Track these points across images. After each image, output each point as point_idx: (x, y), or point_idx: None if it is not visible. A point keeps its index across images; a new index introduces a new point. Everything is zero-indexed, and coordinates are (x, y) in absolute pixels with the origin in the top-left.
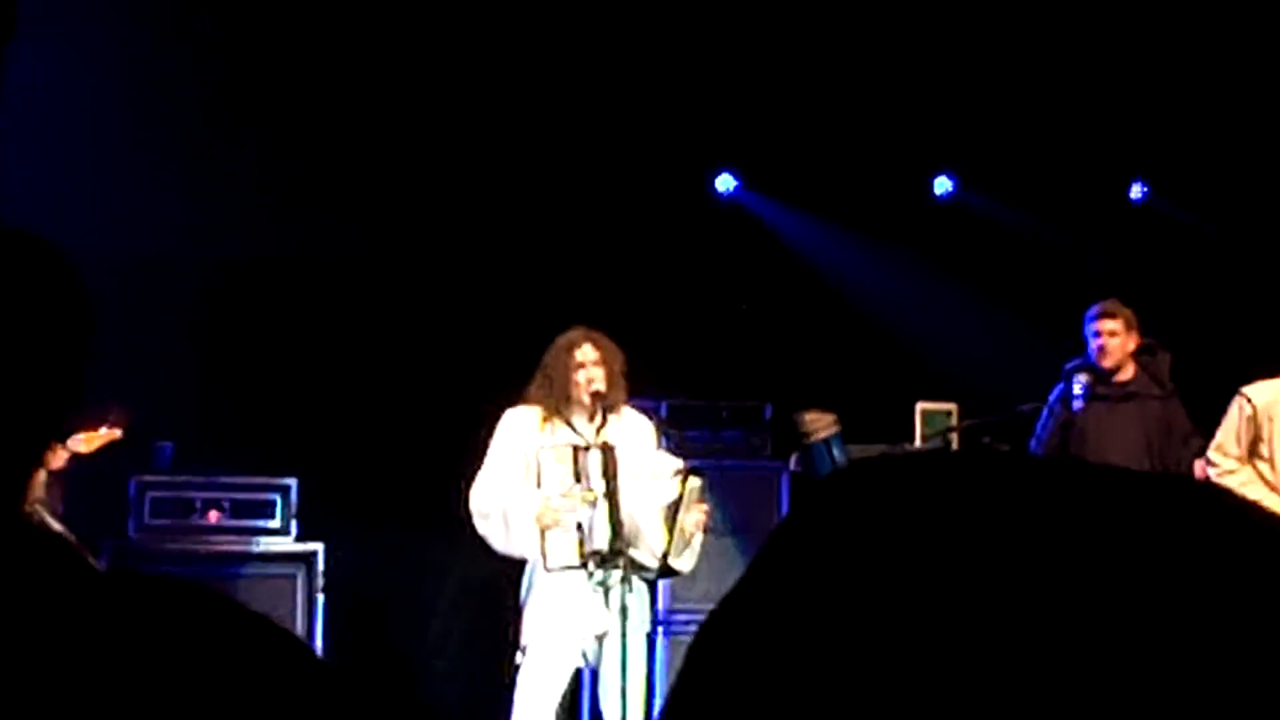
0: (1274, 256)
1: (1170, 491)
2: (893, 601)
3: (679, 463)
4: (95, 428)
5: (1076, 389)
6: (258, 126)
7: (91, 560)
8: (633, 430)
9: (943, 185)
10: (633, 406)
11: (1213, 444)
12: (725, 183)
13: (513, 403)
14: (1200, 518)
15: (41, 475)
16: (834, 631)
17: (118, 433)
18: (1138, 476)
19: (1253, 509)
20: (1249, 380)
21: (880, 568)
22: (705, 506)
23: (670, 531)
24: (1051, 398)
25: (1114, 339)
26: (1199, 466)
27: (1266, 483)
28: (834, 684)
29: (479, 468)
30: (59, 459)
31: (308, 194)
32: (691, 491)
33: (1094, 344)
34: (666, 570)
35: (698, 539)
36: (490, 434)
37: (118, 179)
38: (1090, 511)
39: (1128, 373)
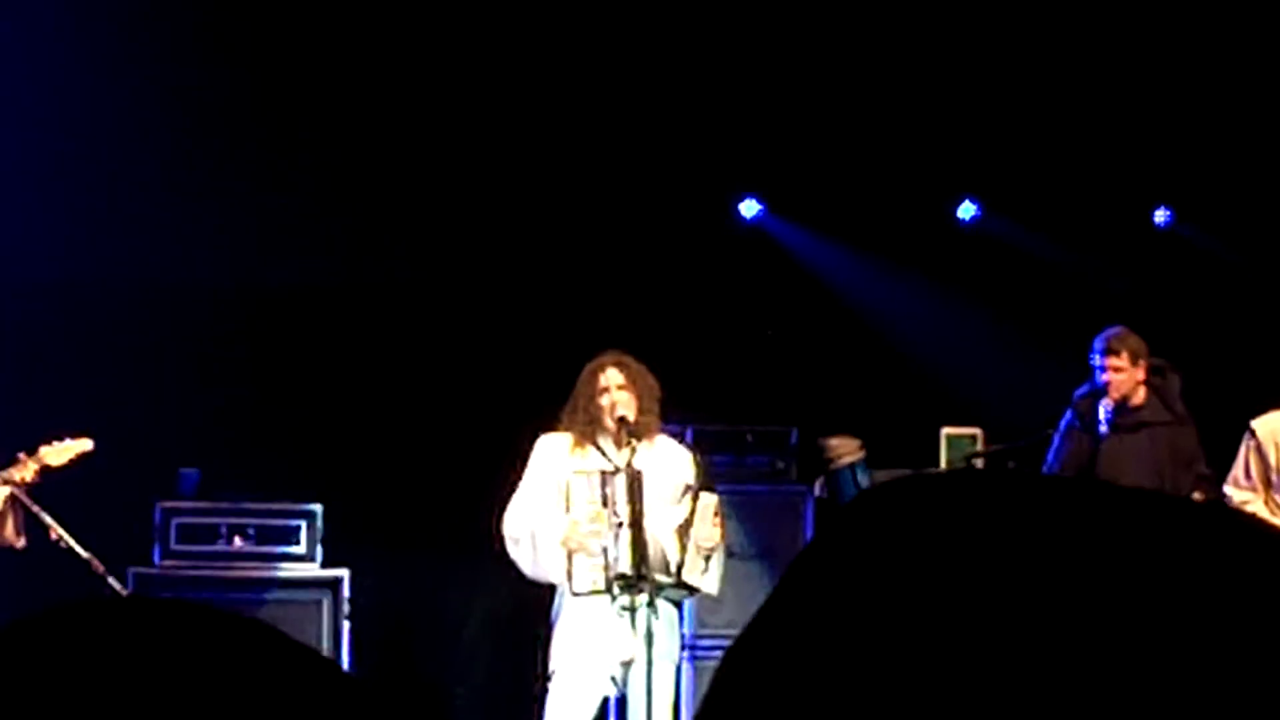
0: None
1: (1187, 513)
2: (918, 624)
3: (690, 480)
4: (61, 438)
5: (1102, 414)
6: (286, 156)
7: (116, 586)
8: (666, 457)
9: (967, 210)
10: (666, 434)
11: (1228, 477)
12: (750, 208)
13: (542, 428)
14: (1211, 536)
15: (3, 491)
16: (859, 654)
17: (88, 444)
18: (1154, 497)
19: (1261, 526)
20: (1268, 406)
21: (905, 590)
22: (718, 520)
23: (683, 547)
24: (1061, 426)
25: (1120, 374)
26: (1198, 496)
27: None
28: (860, 708)
29: (507, 494)
30: (30, 472)
31: (333, 221)
32: (705, 508)
33: (1101, 378)
34: (683, 586)
35: (718, 558)
36: (520, 460)
37: (143, 206)
38: (1110, 531)
39: (1138, 399)
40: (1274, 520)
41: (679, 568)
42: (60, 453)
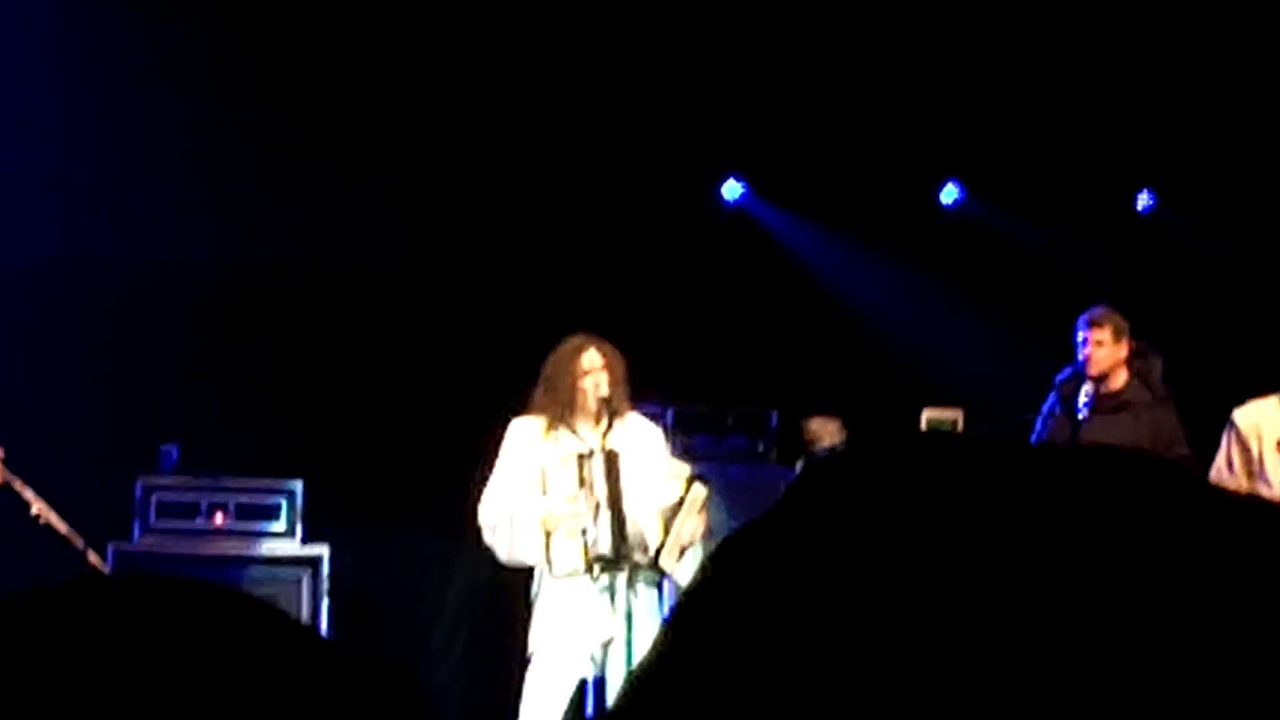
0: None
1: (1139, 470)
2: (872, 586)
3: (688, 468)
4: None
5: (1082, 399)
6: (269, 135)
7: (96, 561)
8: (639, 436)
9: (950, 194)
10: (638, 412)
11: (1212, 469)
12: (732, 190)
13: (518, 408)
14: (1171, 496)
15: None
16: (804, 622)
17: None
18: (1105, 455)
19: (1220, 492)
20: (1249, 393)
21: (863, 552)
22: (703, 515)
23: (666, 531)
24: (1044, 409)
25: (1100, 348)
26: None
27: None
28: (803, 672)
29: (486, 473)
30: None
31: (315, 199)
32: (695, 500)
33: (1081, 352)
34: (658, 569)
35: (696, 550)
36: (497, 442)
37: (125, 182)
38: (1064, 489)
39: (1119, 380)
40: None
41: (658, 550)
42: None
